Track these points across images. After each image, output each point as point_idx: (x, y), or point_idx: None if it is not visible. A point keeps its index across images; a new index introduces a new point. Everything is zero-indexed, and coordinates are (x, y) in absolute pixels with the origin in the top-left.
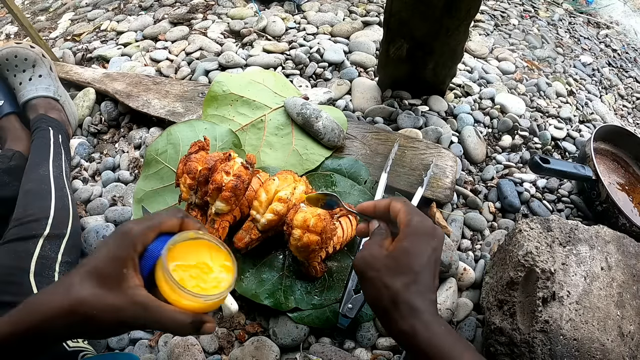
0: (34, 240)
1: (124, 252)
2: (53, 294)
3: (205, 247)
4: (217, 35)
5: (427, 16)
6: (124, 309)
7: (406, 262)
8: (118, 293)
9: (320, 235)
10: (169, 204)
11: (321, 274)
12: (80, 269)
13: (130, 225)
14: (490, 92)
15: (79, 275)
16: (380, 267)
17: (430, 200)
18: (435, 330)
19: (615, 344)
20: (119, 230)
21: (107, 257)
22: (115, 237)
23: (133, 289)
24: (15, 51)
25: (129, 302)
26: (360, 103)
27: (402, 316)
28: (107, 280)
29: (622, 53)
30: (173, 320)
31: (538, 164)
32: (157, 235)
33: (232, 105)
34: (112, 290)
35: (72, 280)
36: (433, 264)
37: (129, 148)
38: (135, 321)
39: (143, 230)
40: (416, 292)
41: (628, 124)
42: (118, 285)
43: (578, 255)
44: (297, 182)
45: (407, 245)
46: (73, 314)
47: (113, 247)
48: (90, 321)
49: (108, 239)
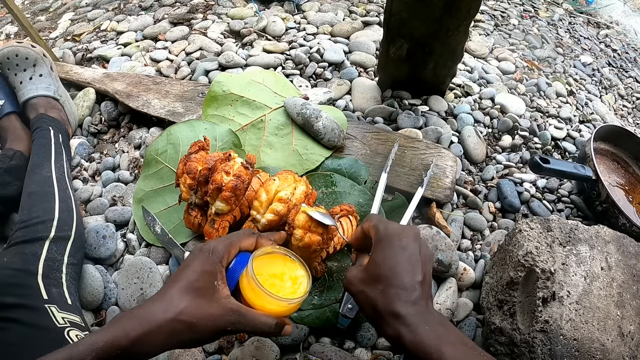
0: (40, 243)
1: (213, 268)
2: (154, 308)
3: (281, 259)
4: (217, 35)
5: (427, 16)
6: (220, 317)
7: (377, 270)
8: (213, 303)
9: (321, 235)
10: (169, 204)
11: (321, 274)
12: (174, 284)
13: (214, 244)
14: (490, 92)
15: (176, 290)
16: (358, 282)
17: (430, 200)
18: (420, 331)
19: (615, 344)
20: (204, 248)
21: (199, 273)
22: (201, 255)
23: (225, 298)
24: (16, 50)
25: (224, 310)
26: (360, 103)
27: (386, 323)
28: (202, 292)
29: (622, 53)
30: (262, 323)
31: (538, 164)
32: (237, 252)
33: (232, 105)
34: (208, 301)
35: (171, 294)
36: (409, 262)
37: (129, 148)
38: (229, 326)
39: (227, 248)
40: (394, 295)
41: (628, 124)
42: (212, 296)
43: (578, 255)
44: (298, 182)
45: (376, 254)
46: (177, 323)
47: (202, 264)
48: (191, 329)
49: (193, 257)
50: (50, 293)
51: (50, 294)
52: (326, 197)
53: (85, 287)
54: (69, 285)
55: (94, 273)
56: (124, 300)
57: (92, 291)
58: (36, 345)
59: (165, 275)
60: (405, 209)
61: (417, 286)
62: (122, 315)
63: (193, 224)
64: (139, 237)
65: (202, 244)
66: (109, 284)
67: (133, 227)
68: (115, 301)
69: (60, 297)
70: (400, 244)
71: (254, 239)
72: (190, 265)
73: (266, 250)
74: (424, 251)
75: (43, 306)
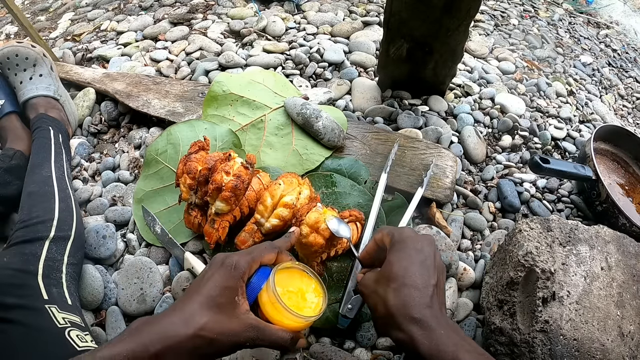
0: (40, 243)
1: (234, 283)
2: (174, 322)
3: (299, 275)
4: (217, 35)
5: (427, 16)
6: (240, 332)
7: (391, 270)
8: (233, 319)
9: (326, 240)
10: (169, 204)
11: (319, 274)
12: (195, 297)
13: (236, 259)
14: (490, 92)
15: (197, 305)
16: (371, 283)
17: (430, 200)
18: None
19: (615, 344)
20: (227, 263)
21: (220, 288)
22: (223, 269)
23: (245, 314)
24: (16, 50)
25: (244, 326)
26: (360, 103)
27: (398, 326)
28: (223, 308)
29: (622, 53)
30: (279, 338)
31: (538, 164)
32: (258, 267)
33: (232, 105)
34: (228, 317)
35: (192, 309)
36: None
37: (129, 148)
38: (248, 342)
39: (249, 263)
40: (408, 296)
41: (628, 124)
42: (232, 311)
43: (578, 255)
44: (302, 185)
45: (391, 257)
46: (198, 339)
47: (225, 279)
48: (212, 344)
49: (215, 270)
50: (51, 293)
51: (50, 294)
52: (326, 197)
53: (85, 287)
54: (69, 285)
55: (94, 273)
56: (124, 300)
57: (92, 291)
58: (37, 346)
59: (165, 275)
60: (405, 209)
61: (431, 288)
62: (140, 327)
63: (193, 224)
64: (139, 237)
65: (223, 257)
66: (109, 284)
67: (133, 227)
68: (115, 301)
69: (60, 297)
70: (415, 246)
71: (274, 254)
72: (212, 278)
73: (286, 265)
74: (439, 260)
75: (43, 307)
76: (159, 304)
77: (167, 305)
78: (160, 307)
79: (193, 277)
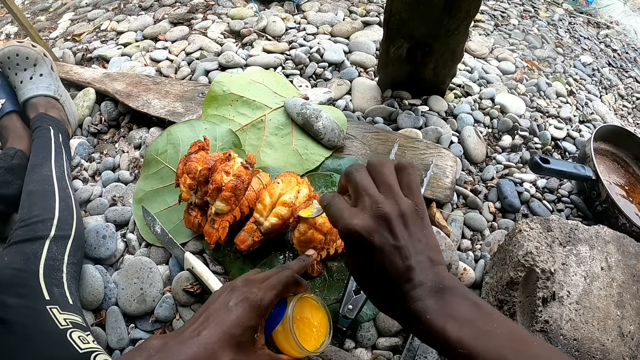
0: (40, 242)
1: (257, 322)
2: (193, 356)
3: (309, 306)
4: (217, 35)
5: (427, 16)
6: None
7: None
8: (250, 355)
9: (325, 235)
10: (169, 204)
11: (317, 274)
12: (216, 332)
13: (261, 295)
14: (490, 92)
15: (219, 343)
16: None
17: (430, 200)
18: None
19: (615, 344)
20: (251, 299)
21: (244, 328)
22: (247, 305)
23: (261, 349)
24: (16, 50)
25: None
26: (360, 103)
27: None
28: (243, 346)
29: (622, 53)
30: None
31: (538, 164)
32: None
33: (232, 105)
34: (246, 354)
35: (214, 347)
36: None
37: (129, 148)
38: None
39: (271, 301)
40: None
41: (628, 124)
42: (250, 348)
43: (578, 255)
44: (300, 184)
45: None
46: None
47: (247, 317)
48: None
49: (237, 301)
50: (52, 293)
51: (51, 294)
52: None
53: (86, 287)
54: (70, 284)
55: (94, 273)
56: (124, 300)
57: (92, 291)
58: (38, 348)
59: (165, 275)
60: None
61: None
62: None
63: (193, 224)
64: (139, 237)
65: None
66: (109, 284)
67: (133, 227)
68: (115, 301)
69: (61, 297)
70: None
71: (295, 286)
72: (235, 313)
73: (300, 296)
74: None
75: (45, 308)
76: (159, 304)
77: (167, 306)
78: (160, 307)
79: (193, 277)
